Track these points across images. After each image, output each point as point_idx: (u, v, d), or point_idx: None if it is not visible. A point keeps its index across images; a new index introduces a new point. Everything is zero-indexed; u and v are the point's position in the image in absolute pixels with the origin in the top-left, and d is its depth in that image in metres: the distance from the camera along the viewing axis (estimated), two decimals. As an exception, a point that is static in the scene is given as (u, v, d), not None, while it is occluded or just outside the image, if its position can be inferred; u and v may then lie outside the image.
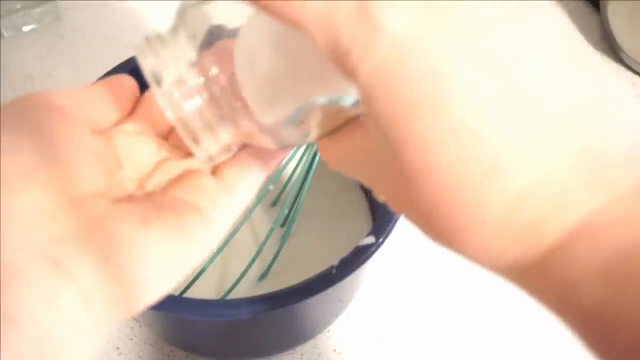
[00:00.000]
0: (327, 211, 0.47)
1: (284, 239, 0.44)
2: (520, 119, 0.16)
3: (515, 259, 0.17)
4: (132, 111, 0.25)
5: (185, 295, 0.40)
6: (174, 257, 0.22)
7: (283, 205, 0.43)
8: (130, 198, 0.23)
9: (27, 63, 0.60)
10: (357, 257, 0.35)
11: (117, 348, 0.43)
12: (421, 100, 0.16)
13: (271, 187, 0.43)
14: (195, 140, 0.22)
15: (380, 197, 0.21)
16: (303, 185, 0.43)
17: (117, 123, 0.24)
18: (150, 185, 0.24)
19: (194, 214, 0.23)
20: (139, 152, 0.24)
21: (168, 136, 0.26)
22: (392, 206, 0.20)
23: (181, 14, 0.22)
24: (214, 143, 0.23)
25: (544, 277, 0.17)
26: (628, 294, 0.15)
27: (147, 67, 0.22)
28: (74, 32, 0.63)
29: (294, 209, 0.44)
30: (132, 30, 0.63)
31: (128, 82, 0.25)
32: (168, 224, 0.22)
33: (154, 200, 0.22)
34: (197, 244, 0.23)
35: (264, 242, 0.42)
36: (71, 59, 0.61)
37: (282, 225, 0.46)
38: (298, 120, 0.21)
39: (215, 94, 0.22)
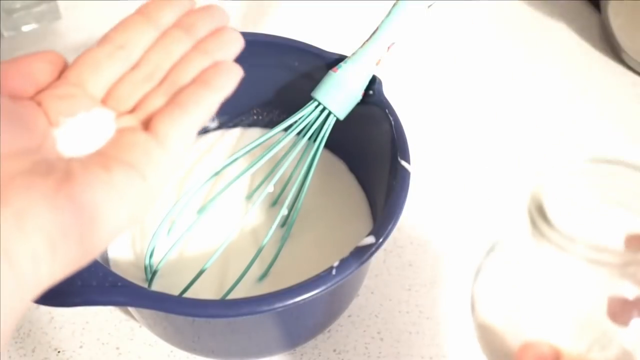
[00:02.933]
0: (327, 211, 0.47)
1: (284, 239, 0.44)
2: None
3: None
4: (60, 76, 0.27)
5: (185, 295, 0.40)
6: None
7: (283, 205, 0.43)
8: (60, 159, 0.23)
9: (27, 63, 0.60)
10: (357, 257, 0.35)
11: (117, 348, 0.43)
12: None
13: (271, 187, 0.43)
14: None
15: None
16: (303, 185, 0.43)
17: (45, 88, 0.26)
18: None
19: (124, 169, 0.23)
20: (70, 114, 0.25)
21: (103, 99, 0.27)
22: None
23: None
24: None
25: None
26: None
27: None
28: (74, 32, 0.63)
29: (294, 209, 0.44)
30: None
31: (51, 53, 0.27)
32: (97, 180, 0.22)
33: (81, 160, 0.23)
34: (130, 198, 0.23)
35: (264, 242, 0.42)
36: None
37: (282, 225, 0.46)
38: None
39: None
